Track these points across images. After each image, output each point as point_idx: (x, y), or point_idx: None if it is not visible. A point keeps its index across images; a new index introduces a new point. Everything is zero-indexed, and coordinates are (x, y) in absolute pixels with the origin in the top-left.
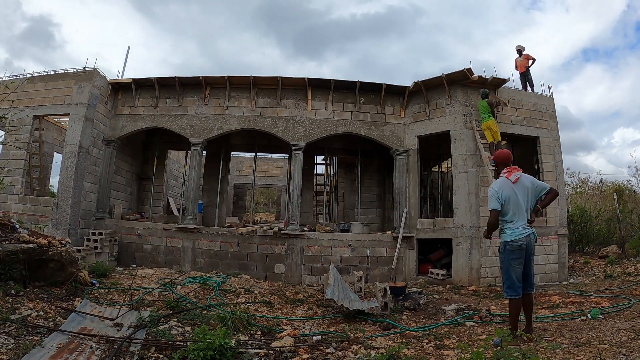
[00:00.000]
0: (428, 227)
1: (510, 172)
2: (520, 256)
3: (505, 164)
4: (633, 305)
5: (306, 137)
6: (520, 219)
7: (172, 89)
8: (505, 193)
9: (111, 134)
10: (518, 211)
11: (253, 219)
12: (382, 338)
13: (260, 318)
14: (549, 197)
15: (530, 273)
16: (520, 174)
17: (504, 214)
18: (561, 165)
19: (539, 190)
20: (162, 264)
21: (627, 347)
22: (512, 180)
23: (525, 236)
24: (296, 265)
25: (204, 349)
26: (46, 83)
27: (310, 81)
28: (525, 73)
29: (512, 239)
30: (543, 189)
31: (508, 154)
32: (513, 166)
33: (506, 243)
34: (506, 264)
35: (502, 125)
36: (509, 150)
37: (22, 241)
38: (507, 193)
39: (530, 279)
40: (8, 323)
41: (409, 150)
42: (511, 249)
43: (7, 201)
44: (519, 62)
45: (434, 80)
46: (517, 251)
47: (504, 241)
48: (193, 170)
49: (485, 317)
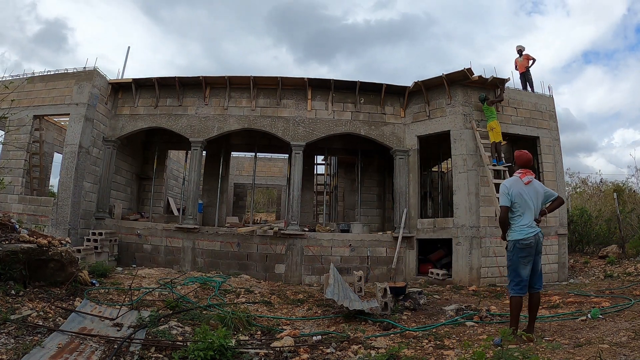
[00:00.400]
0: (428, 227)
1: (524, 174)
2: (530, 254)
3: (523, 166)
4: (633, 305)
5: (306, 137)
6: (528, 218)
7: (172, 89)
8: (516, 190)
9: (111, 134)
10: (527, 210)
11: (253, 219)
12: (382, 338)
13: (260, 318)
14: (555, 203)
15: (538, 270)
16: (533, 178)
17: (513, 211)
18: (561, 165)
19: (548, 196)
20: (162, 264)
21: (627, 347)
22: (524, 181)
23: (534, 235)
24: (296, 265)
25: (204, 349)
26: (46, 83)
27: (310, 81)
28: (526, 73)
29: (521, 237)
30: (551, 196)
31: (530, 158)
32: (528, 170)
33: (516, 241)
34: (515, 262)
35: (503, 125)
36: (531, 155)
37: (22, 241)
38: (517, 191)
39: (538, 277)
40: (8, 323)
41: (409, 150)
42: (520, 247)
43: (7, 201)
44: (519, 62)
45: (434, 80)
46: (527, 249)
47: (514, 239)
48: (193, 170)
49: (485, 317)
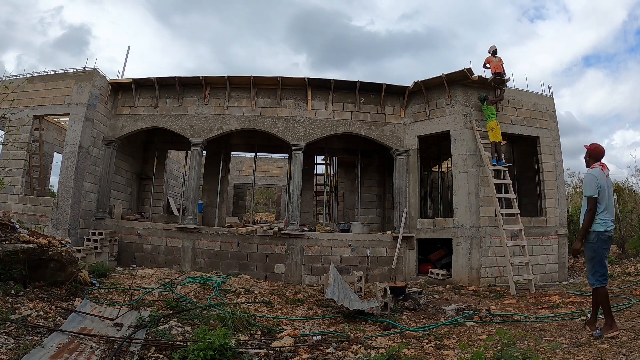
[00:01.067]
0: (428, 227)
1: (604, 166)
2: (609, 246)
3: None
4: (633, 305)
5: (306, 137)
6: (610, 211)
7: (172, 89)
8: (602, 182)
9: (111, 134)
10: (609, 202)
11: (253, 219)
12: (382, 338)
13: (260, 318)
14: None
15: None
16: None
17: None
18: (561, 165)
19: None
20: (162, 264)
21: (627, 347)
22: (605, 174)
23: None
24: (296, 265)
25: (204, 349)
26: (46, 83)
27: (310, 81)
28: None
29: (605, 229)
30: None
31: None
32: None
33: (599, 232)
34: (599, 253)
35: (502, 125)
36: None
37: (22, 241)
38: (602, 183)
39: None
40: (8, 323)
41: (409, 150)
42: (604, 238)
43: (7, 201)
44: (493, 62)
45: (434, 80)
46: (608, 241)
47: (597, 230)
48: (193, 170)
49: (485, 317)
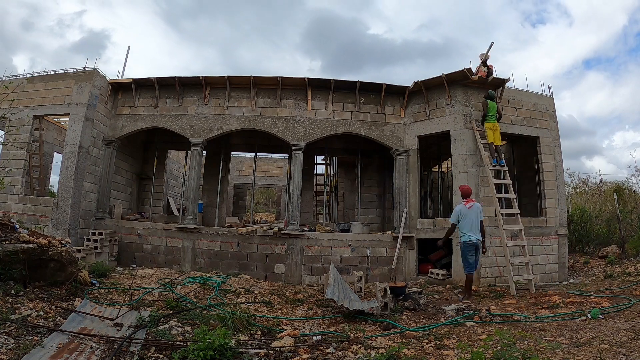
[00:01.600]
0: (428, 227)
1: (468, 201)
2: (472, 250)
3: (466, 195)
4: (633, 305)
5: (306, 137)
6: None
7: (172, 89)
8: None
9: (111, 134)
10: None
11: (253, 219)
12: (382, 338)
13: (260, 318)
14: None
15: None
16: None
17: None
18: (561, 165)
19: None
20: (162, 264)
21: (627, 347)
22: (468, 206)
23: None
24: (296, 265)
25: (204, 349)
26: (46, 83)
27: (310, 81)
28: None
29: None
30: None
31: (469, 190)
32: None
33: (464, 242)
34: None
35: (502, 125)
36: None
37: (22, 241)
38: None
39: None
40: (8, 323)
41: (409, 150)
42: (467, 245)
43: (7, 201)
44: (481, 70)
45: (434, 80)
46: (471, 247)
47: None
48: (193, 170)
49: (485, 317)
